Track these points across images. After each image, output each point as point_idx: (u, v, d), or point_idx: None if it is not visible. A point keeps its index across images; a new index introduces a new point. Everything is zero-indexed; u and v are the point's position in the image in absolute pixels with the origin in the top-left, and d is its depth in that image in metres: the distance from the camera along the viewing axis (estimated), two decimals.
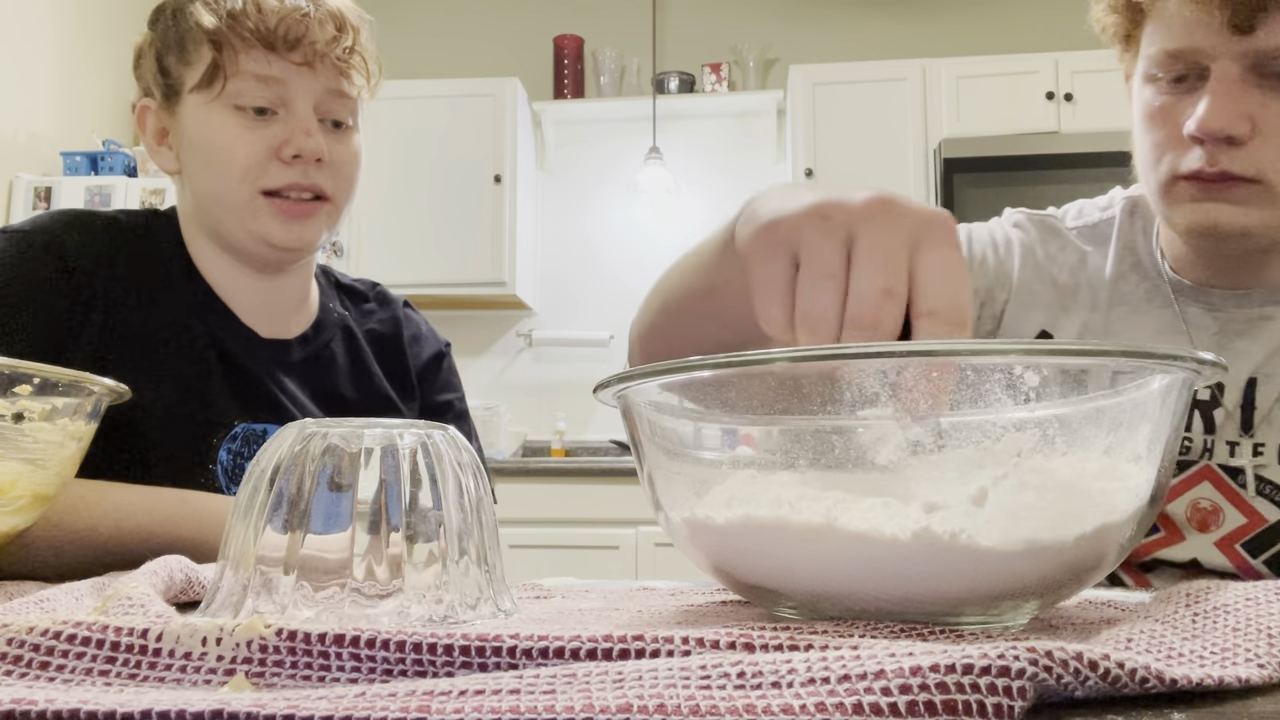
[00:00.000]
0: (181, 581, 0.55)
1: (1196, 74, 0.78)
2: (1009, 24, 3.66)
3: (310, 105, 0.91)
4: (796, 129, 3.40)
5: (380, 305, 1.13)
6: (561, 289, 3.74)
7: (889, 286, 0.44)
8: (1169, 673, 0.28)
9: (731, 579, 0.46)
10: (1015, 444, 0.39)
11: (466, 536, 0.49)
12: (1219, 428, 0.83)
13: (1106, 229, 0.94)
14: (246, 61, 0.89)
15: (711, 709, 0.24)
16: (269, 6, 0.88)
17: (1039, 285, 0.92)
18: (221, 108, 0.90)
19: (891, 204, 0.46)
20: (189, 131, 0.92)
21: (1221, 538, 0.83)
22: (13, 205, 3.17)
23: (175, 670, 0.31)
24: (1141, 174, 0.85)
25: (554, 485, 3.00)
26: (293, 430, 0.49)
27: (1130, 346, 0.39)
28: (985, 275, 0.93)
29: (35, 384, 0.57)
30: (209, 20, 0.88)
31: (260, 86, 0.89)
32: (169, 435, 0.90)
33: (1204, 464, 0.83)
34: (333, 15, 0.91)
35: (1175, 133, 0.79)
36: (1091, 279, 0.91)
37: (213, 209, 0.93)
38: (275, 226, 0.92)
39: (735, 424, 0.44)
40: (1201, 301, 0.87)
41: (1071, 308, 0.91)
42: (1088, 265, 0.92)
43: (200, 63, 0.90)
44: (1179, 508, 0.84)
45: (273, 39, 0.88)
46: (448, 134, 3.47)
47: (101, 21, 3.55)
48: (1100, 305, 0.90)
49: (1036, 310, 0.91)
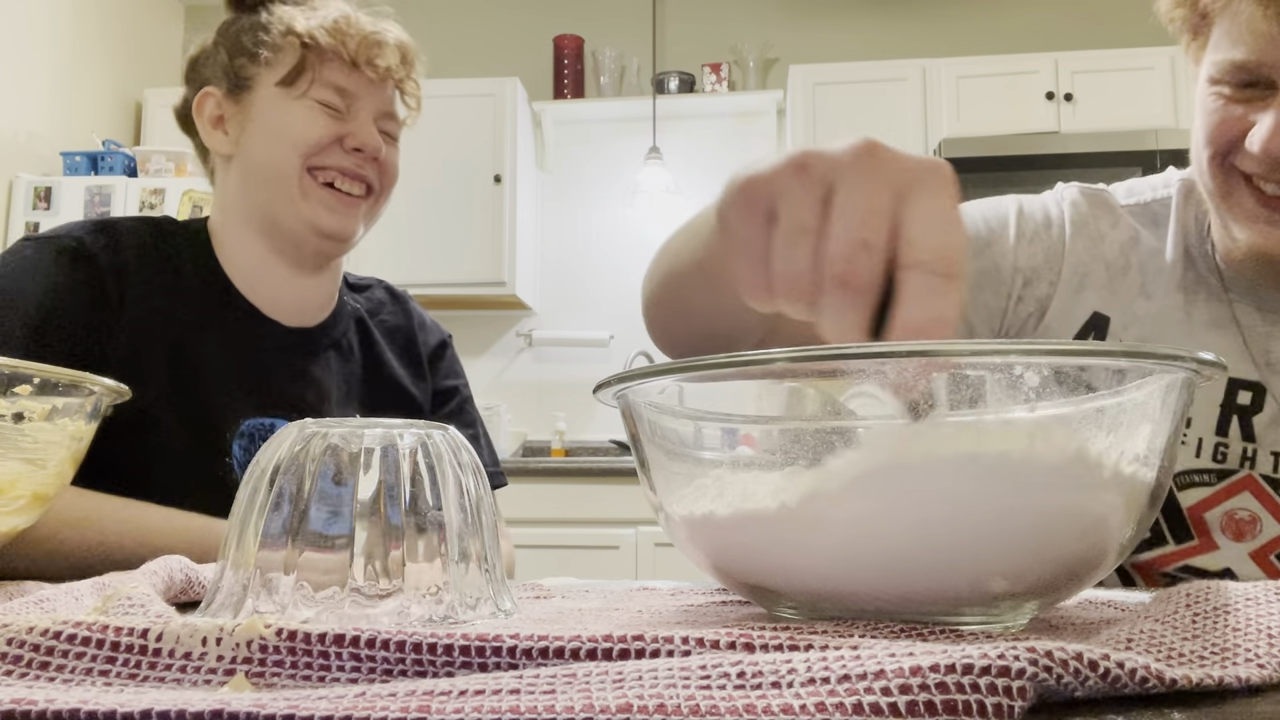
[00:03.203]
0: (181, 581, 0.55)
1: (1265, 84, 0.75)
2: (1009, 24, 3.66)
3: (372, 116, 1.03)
4: (796, 129, 3.40)
5: (390, 299, 1.21)
6: (561, 289, 3.74)
7: (865, 238, 0.41)
8: (1169, 673, 0.28)
9: (731, 579, 0.45)
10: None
11: (466, 536, 0.49)
12: (1259, 436, 0.81)
13: (1160, 210, 0.90)
14: (327, 71, 1.01)
15: (711, 709, 0.24)
16: (354, 28, 1.01)
17: (1091, 264, 0.87)
18: (301, 100, 1.01)
19: (877, 149, 0.42)
20: (262, 116, 1.01)
21: (1257, 548, 0.80)
22: (13, 205, 3.17)
23: (175, 670, 0.31)
24: (1198, 173, 0.82)
25: (554, 485, 3.00)
26: (293, 430, 0.49)
27: (1130, 346, 0.39)
28: (1034, 254, 0.88)
29: (35, 384, 0.57)
30: (302, 25, 1.00)
31: (335, 95, 1.01)
32: (188, 431, 0.95)
33: (1246, 473, 0.80)
34: (400, 46, 1.04)
35: (1237, 138, 0.76)
36: (1144, 261, 0.87)
37: (264, 189, 1.01)
38: (323, 213, 1.01)
39: (735, 424, 0.44)
40: (1252, 299, 0.84)
41: (1120, 290, 0.87)
42: (1140, 245, 0.88)
43: (283, 64, 1.01)
44: (1215, 516, 0.81)
45: (355, 55, 1.01)
46: (448, 134, 3.47)
47: (100, 22, 3.55)
48: (1153, 292, 0.86)
49: (1089, 291, 0.87)
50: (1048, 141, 3.17)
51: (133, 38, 3.72)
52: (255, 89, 1.02)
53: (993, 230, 0.88)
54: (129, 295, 0.95)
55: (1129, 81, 3.22)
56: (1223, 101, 0.77)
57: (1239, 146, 0.76)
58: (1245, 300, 0.84)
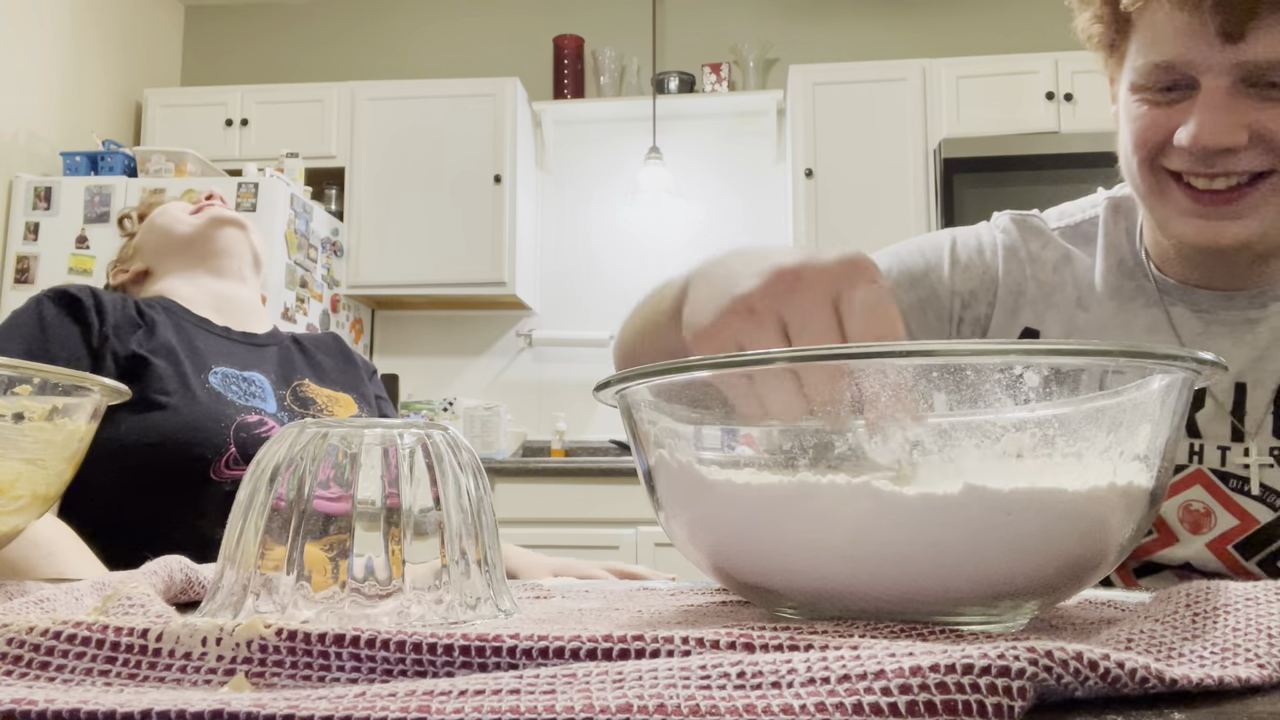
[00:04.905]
0: (181, 581, 0.55)
1: (1186, 85, 0.77)
2: (1009, 24, 3.67)
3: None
4: (796, 129, 3.40)
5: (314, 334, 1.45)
6: (561, 289, 3.74)
7: None
8: (1169, 673, 0.28)
9: (731, 579, 0.46)
10: (1015, 444, 0.39)
11: (466, 536, 0.49)
12: (1204, 431, 0.83)
13: (1089, 229, 0.94)
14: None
15: (711, 709, 0.24)
16: None
17: (1024, 283, 0.92)
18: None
19: (801, 272, 0.50)
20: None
21: (1213, 539, 0.83)
22: (13, 205, 3.17)
23: (175, 670, 0.31)
24: (1129, 179, 0.85)
25: (554, 485, 3.00)
26: (293, 430, 0.49)
27: (1130, 346, 0.39)
28: (969, 279, 0.93)
29: (35, 384, 0.57)
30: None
31: None
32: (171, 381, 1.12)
33: (1195, 467, 0.83)
34: None
35: (1164, 139, 0.78)
36: (1077, 277, 0.91)
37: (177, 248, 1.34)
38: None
39: (735, 424, 0.44)
40: (1187, 301, 0.86)
41: (1058, 304, 0.91)
42: (1072, 263, 0.92)
43: None
44: (1170, 509, 0.84)
45: None
46: (448, 134, 3.47)
47: (100, 22, 3.55)
48: (1089, 304, 0.90)
49: (1024, 309, 0.92)
50: (1047, 141, 3.17)
51: (133, 38, 3.72)
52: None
53: (929, 261, 0.95)
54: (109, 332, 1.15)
55: None
56: (1147, 106, 0.79)
57: (1166, 147, 0.78)
58: (1180, 303, 0.87)
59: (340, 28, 3.93)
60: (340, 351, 1.39)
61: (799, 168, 3.36)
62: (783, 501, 0.41)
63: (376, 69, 3.82)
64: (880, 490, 0.39)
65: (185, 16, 4.05)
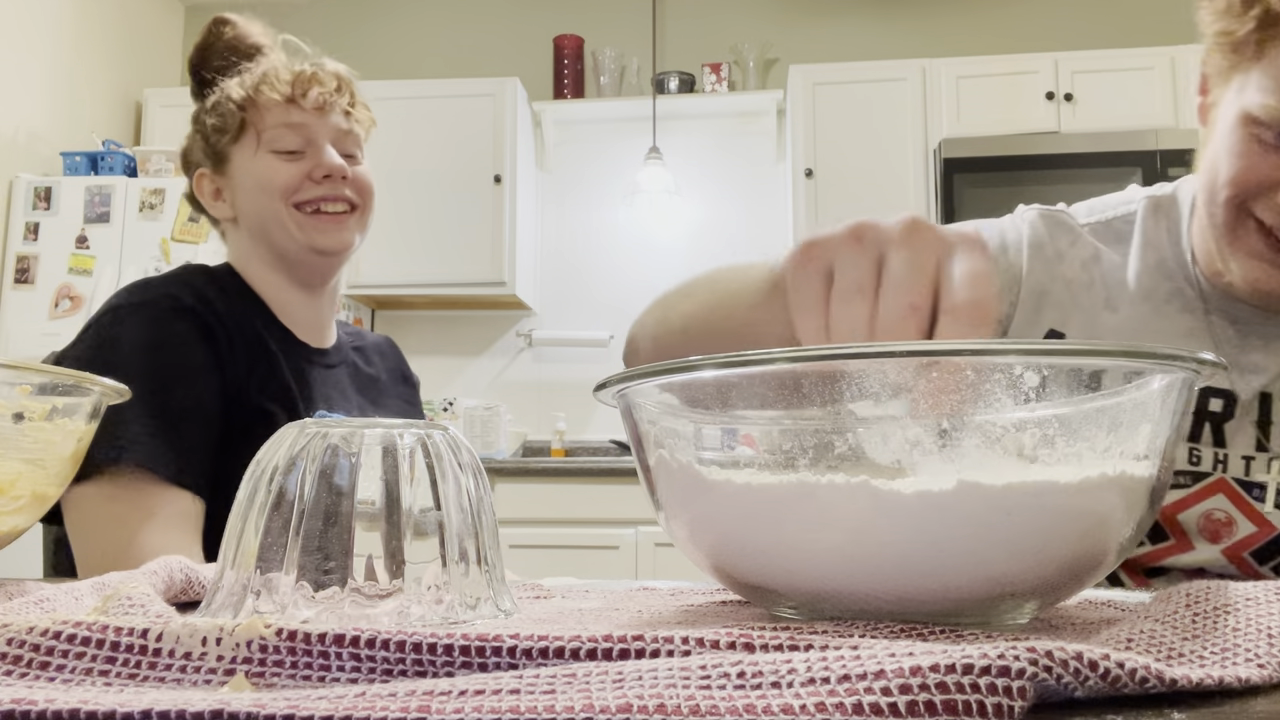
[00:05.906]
0: (181, 581, 0.55)
1: None
2: (1009, 24, 3.67)
3: (327, 142, 1.16)
4: (796, 129, 3.40)
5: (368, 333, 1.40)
6: (561, 289, 3.74)
7: (914, 302, 0.47)
8: (1169, 673, 0.28)
9: (731, 579, 0.46)
10: (1015, 443, 0.39)
11: (466, 536, 0.49)
12: (1229, 441, 0.82)
13: (1123, 226, 0.91)
14: (271, 118, 1.14)
15: (711, 709, 0.24)
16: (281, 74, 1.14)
17: (1050, 283, 0.89)
18: (264, 154, 1.14)
19: (920, 225, 0.50)
20: (240, 179, 1.16)
21: (1230, 546, 0.82)
22: (13, 205, 3.17)
23: (175, 670, 0.31)
24: (1206, 203, 0.81)
25: (554, 485, 3.00)
26: (293, 430, 0.49)
27: (1130, 346, 0.39)
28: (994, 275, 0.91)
29: (35, 384, 0.57)
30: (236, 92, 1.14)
31: (289, 132, 1.14)
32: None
33: (1219, 476, 0.82)
34: (333, 74, 1.17)
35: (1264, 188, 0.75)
36: (1107, 276, 0.89)
37: (266, 232, 1.16)
38: (317, 236, 1.15)
39: (735, 424, 0.44)
40: (1225, 310, 0.85)
41: (1084, 305, 0.88)
42: (1101, 261, 0.89)
43: (235, 130, 1.15)
44: (1190, 517, 0.83)
45: (292, 95, 1.14)
46: (448, 134, 3.47)
47: (101, 22, 3.55)
48: (1118, 304, 0.87)
49: (1048, 309, 0.89)
50: (1048, 142, 3.17)
51: (133, 38, 3.72)
52: (230, 159, 1.17)
53: None
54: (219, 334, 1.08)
55: (1129, 81, 3.22)
56: (1258, 145, 0.76)
57: (1264, 195, 0.76)
58: (1220, 313, 0.85)
59: (340, 28, 3.93)
60: (400, 373, 1.35)
61: (799, 168, 3.36)
62: (782, 501, 0.41)
63: (376, 69, 3.82)
64: (879, 489, 0.39)
65: (185, 16, 4.05)
